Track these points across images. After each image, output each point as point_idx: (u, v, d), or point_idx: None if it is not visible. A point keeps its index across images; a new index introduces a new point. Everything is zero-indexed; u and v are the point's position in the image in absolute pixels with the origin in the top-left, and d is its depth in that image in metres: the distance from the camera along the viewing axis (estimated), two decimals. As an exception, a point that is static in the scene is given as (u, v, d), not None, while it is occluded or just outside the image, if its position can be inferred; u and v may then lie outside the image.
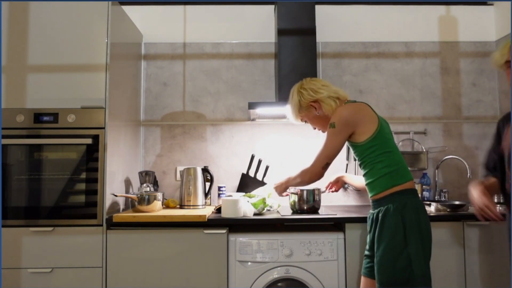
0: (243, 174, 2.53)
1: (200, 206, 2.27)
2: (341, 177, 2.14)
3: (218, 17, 2.72)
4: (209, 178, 2.39)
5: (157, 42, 2.70)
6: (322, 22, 2.68)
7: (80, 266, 1.94)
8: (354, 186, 2.15)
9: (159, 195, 2.12)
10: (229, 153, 2.64)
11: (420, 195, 2.45)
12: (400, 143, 2.61)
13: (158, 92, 2.67)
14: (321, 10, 2.68)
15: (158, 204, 2.10)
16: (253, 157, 2.52)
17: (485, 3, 2.76)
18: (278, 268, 1.91)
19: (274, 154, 2.62)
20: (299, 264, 1.91)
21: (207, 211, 2.08)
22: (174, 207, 2.28)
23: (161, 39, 2.70)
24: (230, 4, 2.72)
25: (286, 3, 2.42)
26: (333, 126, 1.68)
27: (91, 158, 1.99)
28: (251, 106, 2.26)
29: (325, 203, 2.49)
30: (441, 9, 2.76)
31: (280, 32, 2.41)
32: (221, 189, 2.49)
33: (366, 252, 1.75)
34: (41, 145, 1.99)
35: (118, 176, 2.18)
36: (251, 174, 2.53)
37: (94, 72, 2.03)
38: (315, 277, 1.90)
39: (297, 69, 2.34)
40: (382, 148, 1.64)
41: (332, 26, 2.72)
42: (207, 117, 2.67)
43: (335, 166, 2.14)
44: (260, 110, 2.34)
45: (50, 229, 1.95)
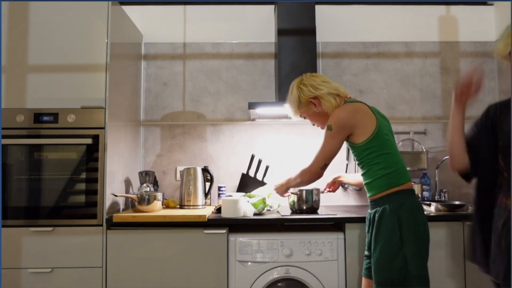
0: (243, 174, 2.52)
1: (200, 206, 2.27)
2: (338, 177, 2.13)
3: (218, 17, 2.72)
4: (209, 178, 2.39)
5: (157, 42, 2.69)
6: (322, 22, 2.68)
7: (80, 266, 1.94)
8: (352, 184, 2.15)
9: (159, 195, 2.12)
10: (229, 153, 2.64)
11: (420, 195, 2.45)
12: (400, 143, 2.61)
13: (158, 92, 2.67)
14: (321, 10, 2.68)
15: (158, 204, 2.10)
16: (253, 157, 2.51)
17: (485, 3, 2.76)
18: (278, 268, 1.91)
19: (274, 154, 2.62)
20: (299, 264, 1.91)
21: (207, 211, 2.08)
22: (174, 207, 2.28)
23: (161, 39, 2.70)
24: (230, 4, 2.72)
25: (286, 3, 2.42)
26: (330, 128, 1.67)
27: (91, 158, 1.99)
28: (251, 106, 2.26)
29: (325, 203, 2.49)
30: (441, 9, 2.75)
31: (280, 32, 2.41)
32: (221, 189, 2.49)
33: (366, 252, 1.74)
34: (41, 145, 1.99)
35: (118, 176, 2.18)
36: (251, 174, 2.52)
37: (94, 72, 2.03)
38: (315, 277, 1.90)
39: (297, 69, 2.34)
40: (380, 149, 1.62)
41: (332, 26, 2.72)
42: (207, 117, 2.67)
43: (335, 166, 2.16)
44: (260, 110, 2.34)
45: (50, 229, 1.95)
